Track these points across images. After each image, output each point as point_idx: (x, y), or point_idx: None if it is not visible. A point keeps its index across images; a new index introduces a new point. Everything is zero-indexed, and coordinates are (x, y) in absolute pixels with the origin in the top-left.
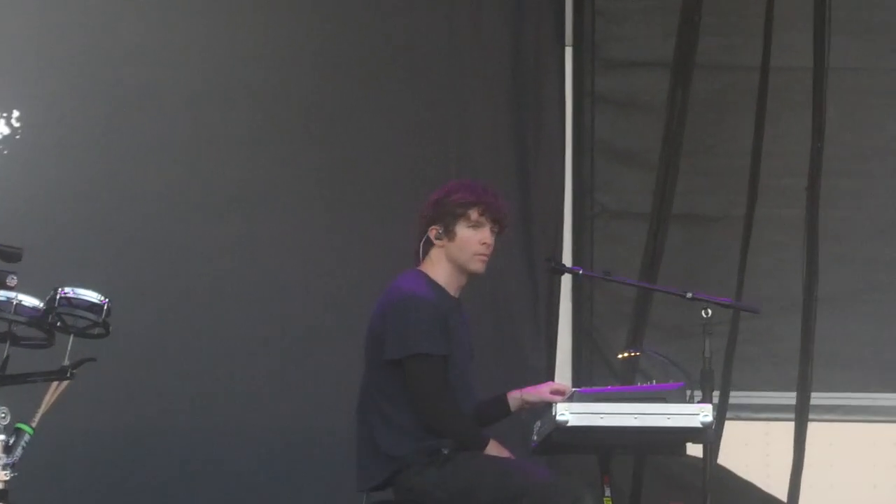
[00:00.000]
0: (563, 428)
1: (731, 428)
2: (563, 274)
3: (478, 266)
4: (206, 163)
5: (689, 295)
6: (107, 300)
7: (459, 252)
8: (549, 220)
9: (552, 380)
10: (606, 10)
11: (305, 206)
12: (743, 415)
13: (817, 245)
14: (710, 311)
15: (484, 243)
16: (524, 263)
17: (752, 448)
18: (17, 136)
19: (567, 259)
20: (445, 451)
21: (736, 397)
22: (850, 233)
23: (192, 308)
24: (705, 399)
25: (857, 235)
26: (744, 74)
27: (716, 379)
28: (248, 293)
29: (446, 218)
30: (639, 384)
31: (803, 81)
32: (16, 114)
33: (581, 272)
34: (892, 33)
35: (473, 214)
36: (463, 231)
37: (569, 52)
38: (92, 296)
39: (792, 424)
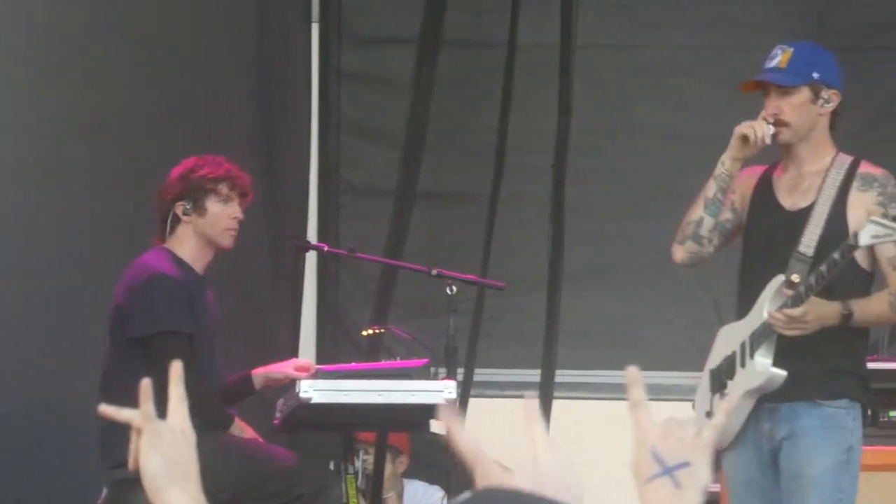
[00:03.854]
0: (306, 405)
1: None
2: (306, 251)
3: (228, 241)
4: None
5: (434, 272)
6: None
7: (210, 227)
8: (294, 197)
9: (296, 357)
10: None
11: (50, 183)
12: (489, 392)
13: (563, 222)
14: (454, 288)
15: (234, 217)
16: (269, 241)
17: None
18: None
19: (313, 236)
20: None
21: (481, 375)
22: (597, 210)
23: None
24: (450, 376)
25: (604, 213)
26: (491, 51)
27: (461, 356)
28: None
29: (195, 193)
30: (383, 361)
31: (551, 58)
32: None
33: (326, 249)
34: (640, 10)
35: (223, 189)
36: (213, 206)
37: (315, 28)
38: None
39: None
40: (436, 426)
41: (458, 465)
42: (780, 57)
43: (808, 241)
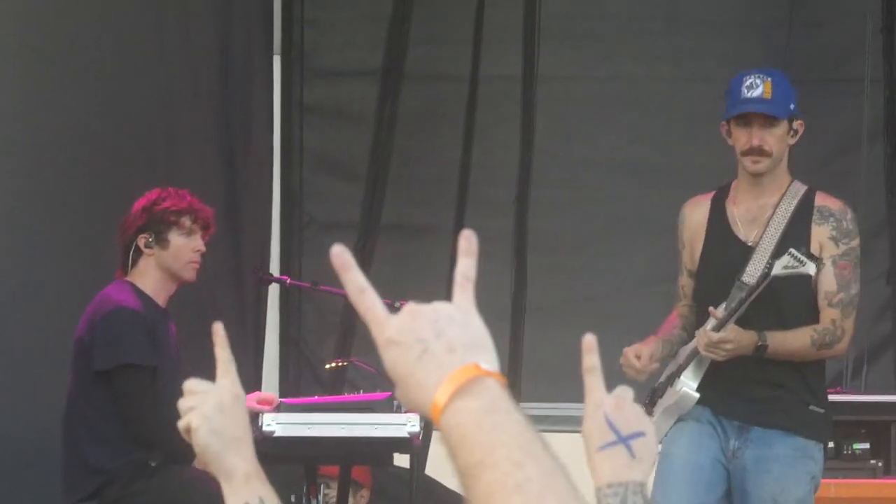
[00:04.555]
0: (269, 438)
1: (439, 438)
2: (269, 284)
3: (190, 274)
4: None
5: (398, 304)
6: None
7: (173, 260)
8: (256, 230)
9: (259, 390)
10: (315, 20)
11: (16, 213)
12: None
13: (525, 255)
14: None
15: (197, 251)
16: (232, 273)
17: None
18: None
19: (276, 270)
20: (153, 464)
21: None
22: (558, 243)
23: None
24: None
25: (565, 246)
26: (453, 84)
27: None
28: None
29: (158, 226)
30: (346, 394)
31: (513, 91)
32: None
33: (288, 282)
34: (601, 43)
35: (186, 222)
36: (176, 239)
37: (277, 60)
38: None
39: None
40: (398, 460)
41: (421, 497)
42: (762, 87)
43: (753, 271)
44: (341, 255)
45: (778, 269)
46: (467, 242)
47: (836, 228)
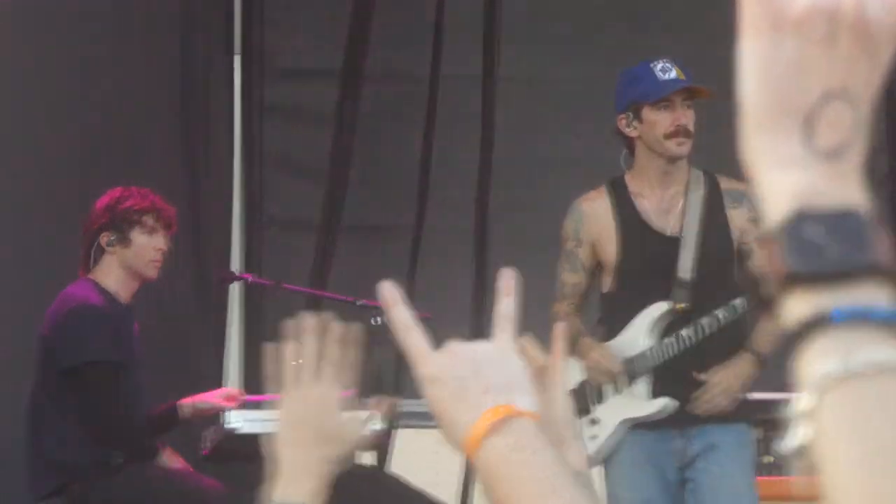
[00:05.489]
0: (233, 435)
1: (403, 435)
2: (232, 282)
3: (152, 272)
4: None
5: (359, 302)
6: None
7: (135, 258)
8: (217, 229)
9: (221, 387)
10: (275, 20)
11: None
12: (413, 423)
13: (486, 255)
14: (379, 319)
15: (159, 249)
16: (193, 272)
17: (422, 455)
18: None
19: (238, 268)
20: (118, 461)
21: (407, 405)
22: (520, 243)
23: None
24: (378, 406)
25: (526, 245)
26: (413, 84)
27: (387, 386)
28: None
29: (120, 224)
30: None
31: (473, 91)
32: None
33: (250, 280)
34: (559, 43)
35: (149, 221)
36: (138, 237)
37: (237, 60)
38: None
39: None
40: (360, 457)
41: (384, 495)
42: (674, 70)
43: (685, 266)
44: (391, 291)
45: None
46: (507, 283)
47: (752, 209)
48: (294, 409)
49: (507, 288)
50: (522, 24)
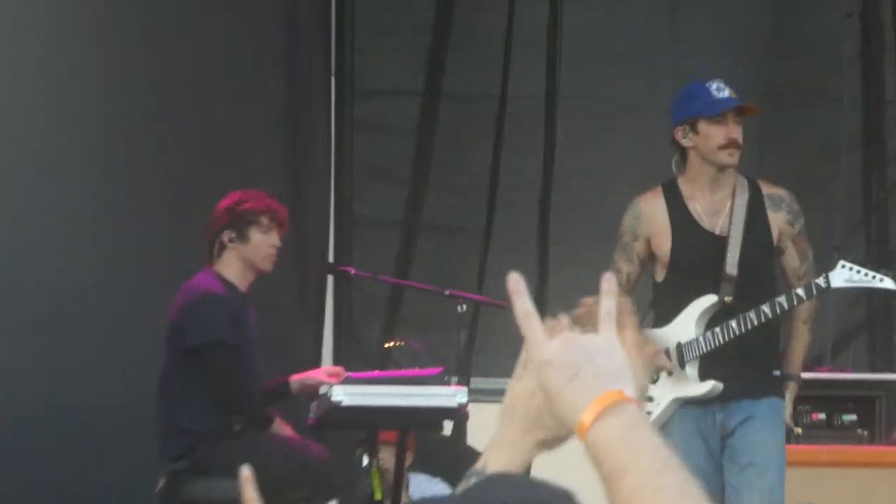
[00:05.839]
0: (337, 407)
1: (474, 409)
2: (332, 274)
3: (268, 266)
4: None
5: (447, 292)
6: None
7: (253, 253)
8: (317, 228)
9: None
10: (363, 48)
11: (109, 213)
12: (484, 398)
13: (548, 250)
14: (465, 306)
15: (273, 246)
16: (295, 266)
17: (493, 429)
18: None
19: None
20: (237, 428)
21: (478, 383)
22: (577, 240)
23: None
24: (461, 382)
25: (583, 242)
26: (485, 102)
27: (472, 366)
28: (45, 291)
29: (240, 224)
30: (404, 370)
31: (537, 107)
32: None
33: (352, 272)
34: (612, 64)
35: (265, 220)
36: (256, 235)
37: (332, 81)
38: None
39: None
40: (446, 427)
41: (462, 460)
42: (727, 90)
43: (731, 262)
44: (517, 282)
45: (839, 281)
46: (608, 284)
47: (790, 213)
48: (521, 391)
49: (609, 289)
50: (580, 47)
